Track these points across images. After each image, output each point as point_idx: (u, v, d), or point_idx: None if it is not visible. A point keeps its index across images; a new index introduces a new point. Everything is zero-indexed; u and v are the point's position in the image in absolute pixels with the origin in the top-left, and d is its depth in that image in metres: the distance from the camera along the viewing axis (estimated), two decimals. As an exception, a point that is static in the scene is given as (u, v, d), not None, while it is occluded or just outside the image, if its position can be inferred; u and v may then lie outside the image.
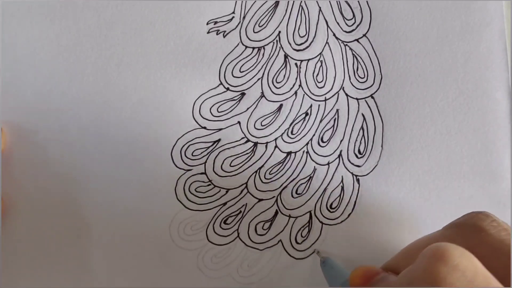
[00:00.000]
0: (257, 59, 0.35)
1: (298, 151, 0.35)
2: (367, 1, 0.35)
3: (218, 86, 0.34)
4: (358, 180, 0.35)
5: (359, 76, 0.35)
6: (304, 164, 0.35)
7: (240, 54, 0.35)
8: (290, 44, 0.35)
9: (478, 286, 0.20)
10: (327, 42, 0.35)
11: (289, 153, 0.35)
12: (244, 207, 0.34)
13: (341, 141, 0.35)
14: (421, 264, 0.21)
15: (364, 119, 0.35)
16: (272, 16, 0.35)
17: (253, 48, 0.35)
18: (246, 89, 0.35)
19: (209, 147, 0.34)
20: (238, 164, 0.34)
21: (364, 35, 0.35)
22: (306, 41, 0.35)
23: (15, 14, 0.33)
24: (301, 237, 0.34)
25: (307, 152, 0.35)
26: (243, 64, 0.35)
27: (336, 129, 0.35)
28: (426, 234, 0.29)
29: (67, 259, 0.33)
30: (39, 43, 0.33)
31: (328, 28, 0.35)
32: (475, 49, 0.35)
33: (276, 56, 0.35)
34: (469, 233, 0.26)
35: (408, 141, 0.35)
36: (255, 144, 0.35)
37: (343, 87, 0.35)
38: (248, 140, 0.35)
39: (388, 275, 0.27)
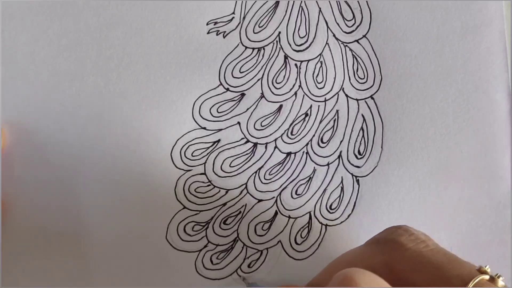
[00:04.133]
0: (257, 60, 0.35)
1: (298, 151, 0.35)
2: (367, 2, 0.35)
3: (218, 86, 0.34)
4: (358, 181, 0.35)
5: (359, 77, 0.35)
6: (304, 165, 0.35)
7: (240, 55, 0.35)
8: (290, 45, 0.35)
9: None
10: (327, 43, 0.35)
11: (289, 154, 0.35)
12: (244, 207, 0.34)
13: (341, 141, 0.35)
14: None
15: (364, 120, 0.35)
16: (272, 17, 0.35)
17: (253, 48, 0.35)
18: (246, 89, 0.35)
19: (209, 148, 0.34)
20: (238, 165, 0.34)
21: (364, 36, 0.35)
22: (306, 42, 0.35)
23: (15, 14, 0.33)
24: (301, 237, 0.34)
25: (307, 152, 0.35)
26: (243, 65, 0.35)
27: (336, 129, 0.35)
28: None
29: (66, 259, 0.33)
30: (39, 43, 0.33)
31: (328, 29, 0.35)
32: (475, 50, 0.35)
33: (276, 57, 0.35)
34: (389, 249, 0.27)
35: (408, 141, 0.35)
36: (255, 144, 0.35)
37: (343, 88, 0.35)
38: (248, 141, 0.35)
39: None
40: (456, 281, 0.24)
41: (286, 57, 0.35)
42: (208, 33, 0.34)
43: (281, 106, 0.35)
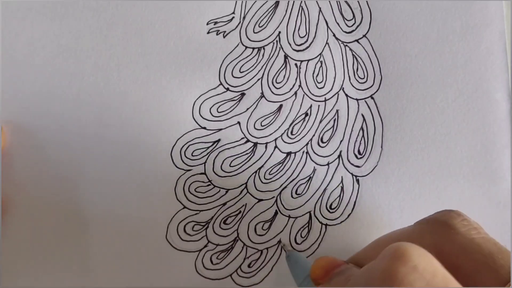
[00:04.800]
0: (257, 60, 0.35)
1: (298, 151, 0.35)
2: (367, 2, 0.35)
3: (218, 86, 0.34)
4: (358, 181, 0.35)
5: (359, 77, 0.35)
6: (304, 165, 0.35)
7: (240, 55, 0.35)
8: (290, 45, 0.35)
9: (437, 286, 0.20)
10: (327, 43, 0.35)
11: (289, 154, 0.35)
12: (244, 207, 0.34)
13: (341, 141, 0.35)
14: (381, 263, 0.21)
15: (364, 119, 0.35)
16: (272, 17, 0.35)
17: (253, 48, 0.35)
18: (246, 89, 0.35)
19: (209, 147, 0.34)
20: (238, 164, 0.34)
21: (364, 35, 0.35)
22: (306, 42, 0.35)
23: (15, 14, 0.33)
24: (301, 237, 0.34)
25: (307, 152, 0.35)
26: (243, 65, 0.35)
27: (336, 129, 0.35)
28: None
29: (66, 259, 0.33)
30: (39, 43, 0.33)
31: (328, 29, 0.35)
32: (475, 50, 0.35)
33: (276, 57, 0.35)
34: (439, 230, 0.26)
35: (408, 141, 0.35)
36: (255, 144, 0.35)
37: (343, 88, 0.35)
38: (248, 141, 0.35)
39: (349, 267, 0.27)
40: (504, 270, 0.24)
41: (286, 57, 0.35)
42: (208, 33, 0.34)
43: (281, 106, 0.35)
